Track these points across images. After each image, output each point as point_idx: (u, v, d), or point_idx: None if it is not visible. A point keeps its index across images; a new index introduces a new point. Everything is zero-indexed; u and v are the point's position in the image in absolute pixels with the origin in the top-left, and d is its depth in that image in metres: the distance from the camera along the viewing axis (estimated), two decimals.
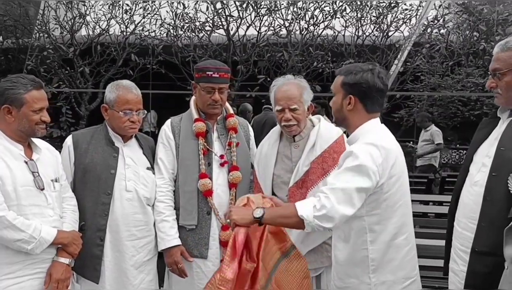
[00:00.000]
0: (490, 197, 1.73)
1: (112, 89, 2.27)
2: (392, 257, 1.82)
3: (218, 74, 2.31)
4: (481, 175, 1.79)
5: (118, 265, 2.23)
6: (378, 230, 1.80)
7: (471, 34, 8.89)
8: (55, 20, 8.80)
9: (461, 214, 1.86)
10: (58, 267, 2.00)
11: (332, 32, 8.79)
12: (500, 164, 1.72)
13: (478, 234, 1.75)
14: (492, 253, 1.59)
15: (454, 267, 1.88)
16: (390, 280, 1.82)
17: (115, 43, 8.73)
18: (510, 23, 8.51)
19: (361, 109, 1.83)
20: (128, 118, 2.23)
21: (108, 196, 2.19)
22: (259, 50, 8.56)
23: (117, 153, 2.26)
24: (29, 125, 1.95)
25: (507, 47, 1.79)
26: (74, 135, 2.32)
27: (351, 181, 1.70)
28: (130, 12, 8.75)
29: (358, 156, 1.72)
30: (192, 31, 8.77)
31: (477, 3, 9.57)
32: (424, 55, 8.62)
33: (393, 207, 1.80)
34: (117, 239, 2.22)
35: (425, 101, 9.21)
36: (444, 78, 8.69)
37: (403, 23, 8.96)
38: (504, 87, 1.78)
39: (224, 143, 2.39)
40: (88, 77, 8.86)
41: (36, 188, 1.94)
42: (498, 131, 1.82)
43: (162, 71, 8.68)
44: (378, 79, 1.81)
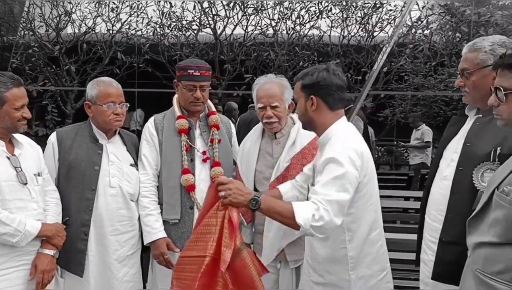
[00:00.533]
0: (457, 190, 1.82)
1: (93, 86, 2.34)
2: (367, 252, 1.91)
3: (199, 72, 2.37)
4: (449, 170, 1.88)
5: (102, 259, 2.28)
6: (354, 229, 1.88)
7: (454, 35, 9.04)
8: (40, 17, 8.75)
9: (431, 207, 1.95)
10: (43, 258, 2.05)
11: (318, 32, 8.86)
12: (466, 159, 1.82)
13: (446, 225, 1.84)
14: (458, 243, 1.67)
15: (424, 257, 1.98)
16: (367, 275, 1.91)
17: (101, 41, 8.70)
18: (491, 25, 8.67)
19: (324, 107, 1.90)
20: (112, 111, 2.30)
21: (92, 192, 2.24)
22: (246, 50, 8.60)
23: (101, 150, 2.31)
24: (11, 122, 2.00)
25: (474, 48, 1.88)
26: (58, 132, 2.37)
27: (343, 192, 1.74)
28: (116, 10, 8.73)
29: (342, 163, 1.76)
30: (179, 30, 8.78)
31: (459, 5, 9.74)
32: (408, 56, 8.73)
33: (366, 204, 1.89)
34: (101, 234, 2.27)
35: (409, 101, 9.36)
36: (427, 78, 8.82)
37: (387, 24, 9.08)
38: (471, 86, 1.86)
39: (206, 140, 2.46)
40: (74, 75, 8.82)
41: (19, 182, 1.99)
42: (466, 128, 1.91)
43: (149, 69, 8.67)
44: (335, 76, 1.89)
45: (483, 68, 1.81)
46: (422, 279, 2.00)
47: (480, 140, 1.80)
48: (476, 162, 1.77)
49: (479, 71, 1.83)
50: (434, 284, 1.90)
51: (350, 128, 1.95)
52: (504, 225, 1.38)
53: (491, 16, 9.11)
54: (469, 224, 1.53)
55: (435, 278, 1.88)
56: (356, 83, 8.72)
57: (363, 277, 1.91)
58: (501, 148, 1.71)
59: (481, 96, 1.79)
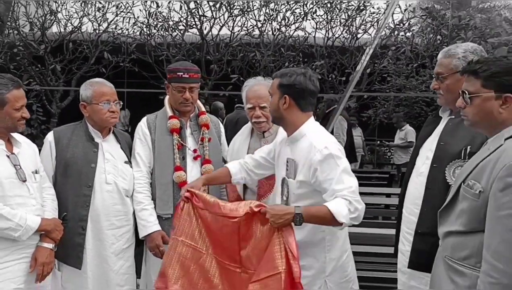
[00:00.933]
0: (431, 186, 1.97)
1: (87, 86, 2.44)
2: (339, 236, 2.11)
3: (188, 75, 2.49)
4: (425, 167, 2.03)
5: (99, 252, 2.38)
6: None
7: (435, 38, 9.26)
8: (25, 16, 8.70)
9: (408, 201, 2.10)
10: (43, 251, 2.15)
11: (303, 33, 8.98)
12: (439, 156, 1.97)
13: (421, 218, 1.99)
14: (432, 234, 1.82)
15: (402, 248, 2.13)
16: (338, 256, 2.11)
17: (87, 40, 8.69)
18: (471, 28, 8.91)
19: (295, 108, 2.05)
20: (108, 109, 2.39)
21: (89, 189, 2.34)
22: (232, 50, 8.66)
23: (97, 148, 2.41)
24: (12, 122, 2.09)
25: (449, 54, 2.03)
26: (55, 131, 2.46)
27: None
28: (103, 10, 8.73)
29: (339, 155, 1.97)
30: (166, 30, 8.82)
31: (440, 8, 9.98)
32: (390, 57, 8.92)
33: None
34: (98, 229, 2.37)
35: (392, 101, 9.56)
36: (409, 79, 9.03)
37: (371, 26, 9.26)
38: (445, 89, 2.02)
39: (197, 139, 2.57)
40: (60, 75, 8.79)
41: (19, 180, 2.09)
42: (440, 128, 2.06)
43: (136, 69, 8.70)
44: (310, 82, 2.04)
45: (456, 73, 1.96)
46: (400, 268, 2.15)
47: (452, 139, 1.96)
48: (449, 159, 1.92)
49: (452, 75, 1.98)
50: (411, 272, 2.06)
51: (320, 127, 2.12)
52: (469, 216, 1.53)
53: (470, 20, 9.36)
54: (440, 216, 1.68)
55: (411, 267, 2.04)
56: (340, 83, 8.87)
57: (335, 259, 2.10)
58: (471, 147, 1.87)
59: (453, 98, 1.94)
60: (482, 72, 1.58)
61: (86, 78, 8.93)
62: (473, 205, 1.52)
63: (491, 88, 1.57)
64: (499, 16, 11.57)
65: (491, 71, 1.56)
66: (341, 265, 2.13)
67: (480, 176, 1.53)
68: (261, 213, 1.91)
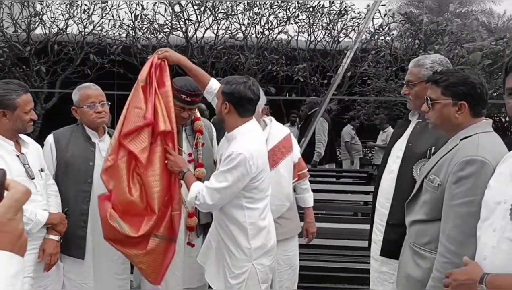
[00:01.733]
0: (401, 182, 2.19)
1: (75, 92, 2.61)
2: (261, 228, 2.31)
3: (191, 99, 2.59)
4: (395, 165, 2.25)
5: (99, 243, 2.54)
6: (252, 207, 2.29)
7: (413, 42, 9.57)
8: (9, 18, 8.71)
9: (381, 196, 2.31)
10: (50, 243, 2.31)
11: (286, 36, 9.19)
12: (408, 156, 2.19)
13: (391, 211, 2.20)
14: (401, 225, 2.03)
15: (375, 238, 2.34)
16: (263, 244, 2.32)
17: (73, 42, 8.75)
18: (447, 33, 9.23)
19: (234, 113, 2.27)
20: (94, 110, 2.55)
21: (88, 185, 2.50)
22: (217, 53, 8.82)
23: (94, 147, 2.57)
24: (22, 124, 2.25)
25: (418, 64, 2.25)
26: (55, 133, 2.62)
27: (224, 182, 2.21)
28: (88, 12, 8.79)
29: (234, 159, 2.18)
30: (151, 33, 8.92)
31: (418, 14, 10.30)
32: (370, 61, 9.17)
33: (261, 191, 2.30)
34: (97, 221, 2.53)
35: (372, 104, 9.83)
36: (388, 82, 9.29)
37: (352, 30, 9.53)
38: (413, 95, 2.24)
39: (191, 142, 2.73)
40: (44, 76, 8.81)
41: (28, 177, 2.23)
42: (409, 131, 2.28)
43: (121, 71, 8.78)
44: (249, 91, 2.25)
45: (424, 81, 2.18)
46: (373, 256, 2.36)
47: (419, 140, 2.18)
48: (416, 158, 2.14)
49: (420, 83, 2.20)
50: (382, 259, 2.27)
51: (254, 131, 2.34)
52: (430, 206, 1.76)
53: (447, 25, 9.71)
54: (407, 207, 1.91)
55: (383, 254, 2.25)
56: (322, 86, 9.10)
57: (260, 246, 2.31)
58: (435, 147, 2.09)
59: (421, 104, 2.15)
60: (442, 81, 1.81)
61: (70, 79, 8.98)
62: (433, 197, 1.75)
63: (449, 96, 1.80)
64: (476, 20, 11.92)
65: (450, 81, 1.79)
66: (268, 251, 2.33)
67: (439, 171, 1.76)
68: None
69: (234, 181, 2.18)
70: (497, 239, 1.44)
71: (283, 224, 2.71)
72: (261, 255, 2.31)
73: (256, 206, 2.28)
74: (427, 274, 1.75)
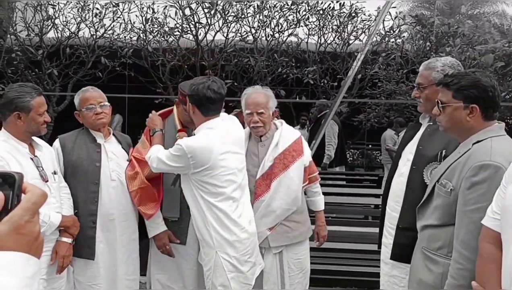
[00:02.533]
0: (411, 185, 2.17)
1: (76, 96, 2.66)
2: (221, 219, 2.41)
3: None
4: (406, 168, 2.23)
5: (109, 243, 2.57)
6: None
7: (424, 44, 9.50)
8: (23, 22, 8.83)
9: (390, 199, 2.30)
10: (62, 245, 2.34)
11: (296, 39, 9.18)
12: (418, 159, 2.17)
13: (402, 214, 2.19)
14: (411, 229, 2.02)
15: (385, 241, 2.32)
16: (225, 235, 2.39)
17: (84, 45, 8.83)
18: (459, 35, 9.16)
19: (198, 113, 2.38)
20: (93, 112, 2.57)
21: (96, 185, 2.53)
22: (227, 55, 8.83)
23: (100, 148, 2.60)
24: (36, 126, 2.28)
25: (429, 67, 2.24)
26: (61, 138, 2.65)
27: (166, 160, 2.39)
28: (100, 15, 8.87)
29: (183, 151, 2.33)
30: (162, 36, 8.97)
31: (429, 16, 10.22)
32: (381, 63, 9.13)
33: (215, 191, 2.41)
34: (107, 222, 2.56)
35: (382, 106, 9.77)
36: (399, 84, 9.23)
37: (362, 32, 9.49)
38: (424, 98, 2.23)
39: None
40: (56, 79, 8.90)
41: (42, 180, 2.26)
42: (419, 134, 2.27)
43: (132, 74, 8.84)
44: (209, 90, 2.32)
45: (434, 84, 2.16)
46: (383, 259, 2.35)
47: (430, 144, 2.17)
48: (426, 162, 2.13)
49: (431, 86, 2.19)
50: (393, 263, 2.25)
51: (213, 128, 2.41)
52: (442, 211, 1.74)
53: (459, 27, 9.63)
54: (418, 211, 1.89)
55: (393, 258, 2.24)
56: (332, 89, 9.08)
57: (221, 236, 2.39)
58: (445, 151, 2.07)
59: (432, 107, 2.14)
60: (453, 84, 1.79)
61: (82, 82, 9.08)
62: (446, 202, 1.73)
63: (460, 99, 1.78)
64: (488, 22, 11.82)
65: (461, 84, 1.78)
66: (232, 243, 2.40)
67: (452, 176, 1.74)
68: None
69: (172, 165, 2.36)
70: None
71: (294, 227, 2.71)
72: (225, 245, 2.39)
73: (213, 200, 2.37)
74: (439, 279, 1.73)
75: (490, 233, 1.49)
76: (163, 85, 8.79)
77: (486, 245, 1.50)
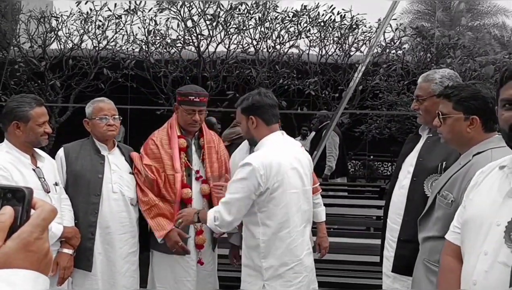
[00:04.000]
0: (412, 197, 2.17)
1: (89, 105, 2.67)
2: (277, 246, 2.24)
3: (198, 99, 2.67)
4: (406, 181, 2.23)
5: (108, 256, 2.56)
6: (267, 224, 2.24)
7: (425, 56, 9.54)
8: (26, 33, 8.91)
9: (391, 211, 2.30)
10: (63, 256, 2.34)
11: (297, 51, 9.23)
12: (419, 171, 2.17)
13: (403, 226, 2.18)
14: (413, 241, 2.00)
15: (386, 254, 2.31)
16: (276, 265, 2.24)
17: (87, 57, 8.89)
18: (459, 47, 9.20)
19: (261, 124, 2.29)
20: (105, 123, 2.58)
21: (97, 197, 2.53)
22: (228, 67, 8.88)
23: (103, 160, 2.60)
24: (35, 137, 2.28)
25: (427, 79, 2.25)
26: (65, 147, 2.66)
27: (236, 194, 2.22)
28: (102, 27, 8.94)
29: (245, 169, 2.20)
30: (164, 47, 9.03)
31: (429, 27, 10.28)
32: (382, 74, 9.15)
33: (277, 206, 2.23)
34: (106, 234, 2.55)
35: (384, 117, 9.78)
36: (400, 95, 9.24)
37: (363, 44, 9.54)
38: (423, 110, 2.23)
39: (199, 157, 2.76)
40: (59, 90, 8.95)
41: (44, 191, 2.27)
42: (419, 145, 2.27)
43: (134, 85, 8.88)
44: (266, 98, 2.27)
45: (433, 96, 2.17)
46: (385, 272, 2.33)
47: (430, 155, 2.17)
48: (427, 174, 2.13)
49: (430, 98, 2.20)
50: (394, 276, 2.24)
51: (277, 142, 2.31)
52: (443, 222, 1.74)
53: (459, 39, 9.68)
54: (419, 223, 1.89)
55: (395, 271, 2.23)
56: (333, 100, 9.10)
57: (273, 267, 2.24)
58: (446, 162, 2.07)
59: (431, 118, 2.15)
60: (454, 96, 1.81)
61: (84, 93, 9.12)
62: (447, 213, 1.73)
63: (461, 110, 1.80)
64: (489, 34, 11.87)
65: (461, 96, 1.79)
66: (281, 275, 2.24)
67: (452, 187, 1.74)
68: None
69: (245, 191, 2.16)
70: (489, 263, 1.30)
71: None
72: (273, 277, 2.24)
73: (271, 222, 2.22)
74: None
75: (451, 246, 1.52)
76: (165, 96, 8.83)
77: (447, 257, 1.54)
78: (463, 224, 1.44)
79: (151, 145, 2.70)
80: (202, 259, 2.70)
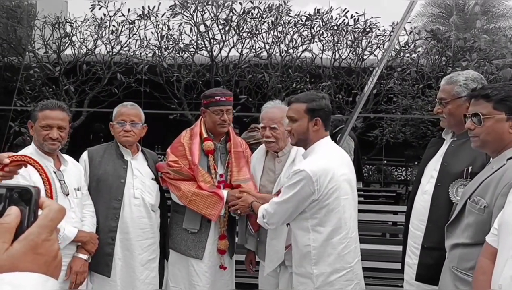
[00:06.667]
0: (436, 203, 2.09)
1: (116, 108, 2.65)
2: (329, 253, 2.18)
3: (225, 98, 2.64)
4: (429, 186, 2.16)
5: (127, 262, 2.53)
6: (318, 230, 2.18)
7: (440, 59, 9.42)
8: (41, 39, 9.00)
9: (414, 218, 2.22)
10: (77, 261, 2.30)
11: (310, 55, 9.18)
12: (443, 176, 2.10)
13: (427, 233, 2.11)
14: (437, 248, 1.94)
15: (409, 261, 2.24)
16: (328, 272, 2.18)
17: (100, 62, 8.94)
18: (475, 50, 9.06)
19: (322, 128, 2.24)
20: (122, 128, 2.56)
21: (119, 202, 2.50)
22: (241, 71, 8.86)
23: (126, 165, 2.58)
24: (39, 139, 2.27)
25: (451, 81, 2.18)
26: (89, 151, 2.65)
27: (286, 203, 2.21)
28: (116, 33, 8.99)
29: (300, 175, 2.15)
30: (177, 52, 9.05)
31: (444, 30, 10.15)
32: (396, 78, 9.06)
33: (330, 212, 2.17)
34: (126, 239, 2.52)
35: (398, 121, 9.68)
36: (415, 99, 9.15)
37: (377, 48, 9.46)
38: (447, 113, 2.16)
39: (223, 161, 2.71)
40: (73, 95, 9.01)
41: (62, 193, 2.24)
42: (443, 150, 2.20)
43: (147, 90, 8.91)
44: (329, 104, 2.27)
45: (458, 98, 2.10)
46: (407, 280, 2.26)
47: (455, 160, 2.09)
48: (452, 179, 2.05)
49: (454, 101, 2.12)
50: (418, 284, 2.16)
51: (330, 147, 2.29)
52: (475, 229, 1.67)
53: (475, 42, 9.54)
54: (447, 230, 1.81)
55: (418, 279, 2.15)
56: (347, 104, 9.02)
57: (324, 274, 2.18)
58: (472, 167, 2.00)
59: (455, 122, 2.08)
60: (494, 95, 1.71)
61: (98, 98, 9.17)
62: (479, 219, 1.66)
63: (503, 110, 1.71)
64: (505, 37, 11.71)
65: (502, 95, 1.71)
66: (333, 283, 2.18)
67: (485, 192, 1.66)
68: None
69: (297, 197, 2.14)
70: None
71: None
72: (325, 284, 2.17)
73: (323, 229, 2.17)
74: None
75: (489, 248, 1.49)
76: (178, 100, 8.83)
77: (482, 259, 1.52)
78: (499, 226, 1.41)
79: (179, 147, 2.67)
80: (224, 264, 2.65)
